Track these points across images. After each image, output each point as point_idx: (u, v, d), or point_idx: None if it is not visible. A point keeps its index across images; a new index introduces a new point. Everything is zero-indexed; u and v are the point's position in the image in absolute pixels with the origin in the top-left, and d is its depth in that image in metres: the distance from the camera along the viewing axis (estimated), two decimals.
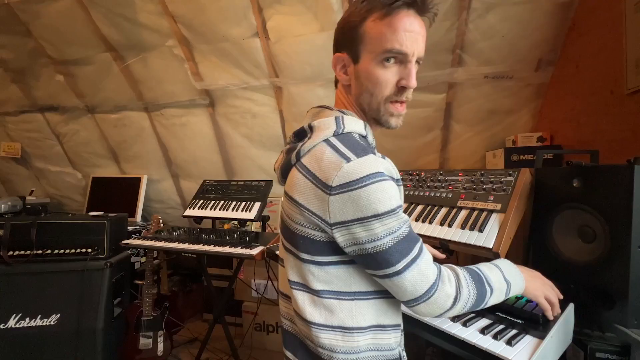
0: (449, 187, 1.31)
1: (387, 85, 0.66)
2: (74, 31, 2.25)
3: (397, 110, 0.69)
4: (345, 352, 0.64)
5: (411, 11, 0.63)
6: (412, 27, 0.63)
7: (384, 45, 0.63)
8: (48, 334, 1.88)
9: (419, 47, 0.65)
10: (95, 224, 2.04)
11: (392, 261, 0.59)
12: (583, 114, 1.52)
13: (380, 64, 0.64)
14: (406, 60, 0.64)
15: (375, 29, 0.63)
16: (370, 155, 0.61)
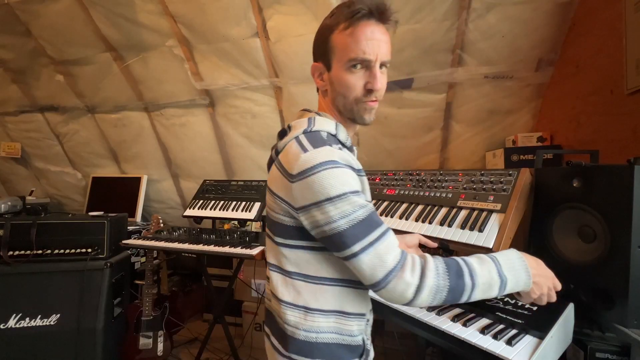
0: (449, 187, 1.31)
1: (356, 89, 0.72)
2: (74, 31, 2.26)
3: (369, 106, 0.75)
4: (306, 330, 0.71)
5: (372, 21, 0.69)
6: (373, 35, 0.69)
7: (349, 54, 0.69)
8: (48, 334, 1.88)
9: (381, 52, 0.70)
10: (95, 224, 2.04)
11: (347, 243, 0.63)
12: (583, 114, 1.52)
13: (348, 70, 0.71)
14: (370, 66, 0.71)
15: (341, 39, 0.70)
16: (327, 147, 0.67)
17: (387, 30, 0.72)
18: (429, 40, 1.79)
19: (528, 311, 0.87)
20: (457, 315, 0.89)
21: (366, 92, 0.73)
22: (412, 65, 1.91)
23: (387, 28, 0.72)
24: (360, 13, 0.68)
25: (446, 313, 0.92)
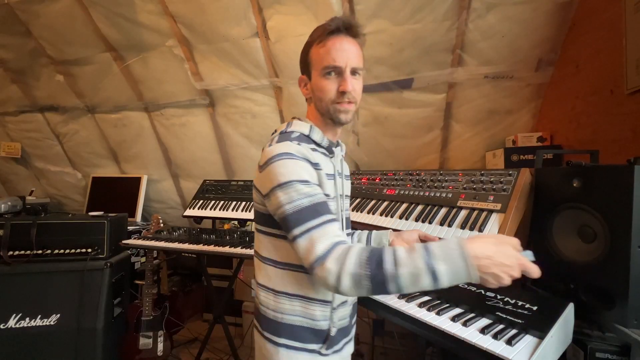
0: (449, 187, 1.31)
1: (331, 92, 0.82)
2: (74, 31, 2.26)
3: (344, 107, 0.83)
4: (274, 311, 0.81)
5: (341, 35, 0.81)
6: (342, 46, 0.81)
7: (323, 63, 0.81)
8: (48, 334, 1.88)
9: (351, 60, 0.81)
10: (95, 224, 2.04)
11: (290, 227, 0.70)
12: (583, 114, 1.52)
13: (324, 77, 0.82)
14: (341, 72, 0.81)
15: (317, 52, 0.83)
16: (286, 142, 0.78)
17: (357, 43, 0.83)
18: (429, 40, 1.79)
19: (528, 311, 0.87)
20: (457, 315, 0.89)
21: (340, 94, 0.81)
22: (412, 65, 1.91)
23: (357, 41, 0.83)
24: (331, 29, 0.81)
25: (446, 313, 0.92)
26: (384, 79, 2.00)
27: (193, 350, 2.36)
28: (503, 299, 0.95)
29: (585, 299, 0.93)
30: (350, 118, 0.85)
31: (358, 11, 1.80)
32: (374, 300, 1.05)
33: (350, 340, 0.94)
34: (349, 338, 0.93)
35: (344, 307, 0.87)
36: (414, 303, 0.99)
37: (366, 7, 1.77)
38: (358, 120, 2.21)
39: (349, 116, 0.84)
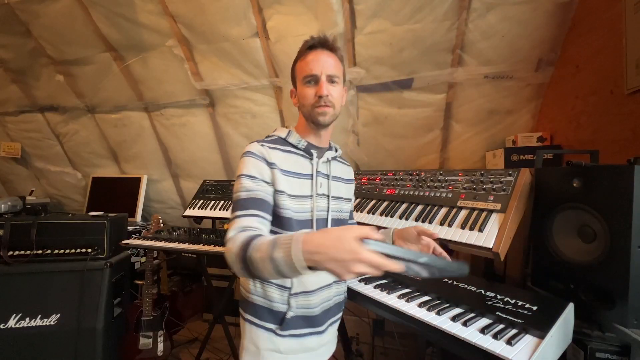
0: (449, 187, 1.31)
1: (310, 97, 0.94)
2: (74, 31, 2.26)
3: (321, 110, 0.94)
4: (245, 290, 0.96)
5: (318, 49, 0.95)
6: (317, 57, 0.94)
7: (303, 73, 0.96)
8: (48, 334, 1.88)
9: (326, 68, 0.93)
10: (95, 224, 2.04)
11: (232, 212, 0.87)
12: (583, 114, 1.52)
13: (305, 85, 0.96)
14: (318, 79, 0.93)
15: (299, 66, 0.98)
16: (255, 143, 0.93)
17: (334, 55, 0.96)
18: (429, 40, 1.79)
19: (528, 311, 0.87)
20: (457, 315, 0.89)
21: (317, 99, 0.93)
22: (412, 65, 1.91)
23: (334, 54, 0.96)
24: (310, 45, 0.95)
25: (446, 313, 0.92)
26: (384, 79, 2.00)
27: (193, 350, 2.36)
28: (503, 299, 0.95)
29: (585, 299, 0.93)
30: (328, 120, 0.95)
31: (358, 11, 1.80)
32: (373, 300, 1.05)
33: (319, 333, 0.94)
34: (318, 331, 0.94)
35: (307, 296, 0.92)
36: (414, 303, 0.99)
37: (366, 7, 1.77)
38: (358, 120, 2.21)
39: (326, 118, 0.95)
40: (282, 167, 0.91)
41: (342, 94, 0.99)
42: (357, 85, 2.06)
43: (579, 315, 0.91)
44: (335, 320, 1.01)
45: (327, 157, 1.01)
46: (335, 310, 1.01)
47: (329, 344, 1.01)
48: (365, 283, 1.16)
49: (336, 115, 0.98)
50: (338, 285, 1.01)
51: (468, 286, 1.06)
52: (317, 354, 0.96)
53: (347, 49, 1.93)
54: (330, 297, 0.97)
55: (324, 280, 0.96)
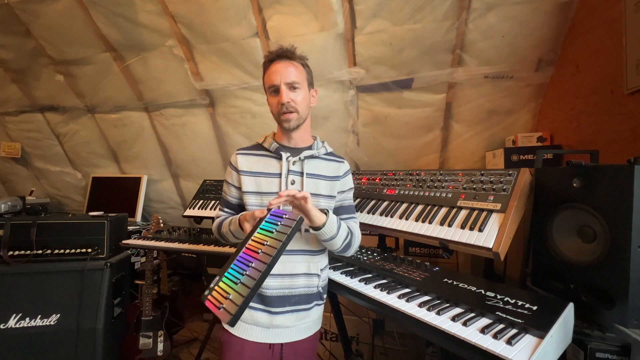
0: (449, 187, 1.31)
1: (274, 106, 1.07)
2: (74, 31, 2.26)
3: (285, 117, 1.06)
4: None
5: (275, 61, 1.06)
6: (276, 68, 1.05)
7: (267, 85, 1.09)
8: (48, 334, 1.88)
9: (284, 77, 1.04)
10: (95, 224, 2.04)
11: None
12: (583, 114, 1.52)
13: (270, 95, 1.09)
14: (278, 88, 1.05)
15: (265, 80, 1.10)
16: (235, 153, 1.16)
17: (293, 63, 1.06)
18: (429, 40, 1.79)
19: (528, 311, 0.87)
20: (457, 315, 0.89)
21: (281, 106, 1.05)
22: (412, 65, 1.91)
23: (293, 61, 1.06)
24: (268, 59, 1.08)
25: (446, 313, 0.92)
26: (384, 79, 2.00)
27: (193, 350, 2.36)
28: (503, 298, 0.95)
29: (585, 299, 0.93)
30: (293, 125, 1.07)
31: (358, 11, 1.80)
32: (373, 300, 1.05)
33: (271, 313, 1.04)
34: (269, 310, 1.05)
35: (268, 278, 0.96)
36: (414, 303, 0.99)
37: (366, 7, 1.77)
38: (358, 120, 2.21)
39: (291, 124, 1.07)
40: (251, 170, 1.10)
41: (307, 97, 1.09)
42: (357, 85, 2.07)
43: (579, 315, 0.91)
44: (297, 309, 1.07)
45: (301, 156, 1.11)
46: (299, 300, 1.07)
47: (287, 330, 1.07)
48: (366, 283, 1.16)
49: (303, 119, 1.09)
50: (307, 278, 1.08)
51: (468, 286, 1.06)
52: (270, 332, 1.06)
53: (347, 49, 1.93)
54: (292, 287, 1.06)
55: (284, 270, 1.05)
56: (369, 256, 1.43)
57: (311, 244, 1.11)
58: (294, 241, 1.06)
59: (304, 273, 1.08)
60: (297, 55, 1.08)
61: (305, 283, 1.08)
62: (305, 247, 1.10)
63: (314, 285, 1.09)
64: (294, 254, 1.07)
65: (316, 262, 1.11)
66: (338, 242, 1.04)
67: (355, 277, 1.21)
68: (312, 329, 1.14)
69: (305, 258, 1.09)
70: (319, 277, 1.11)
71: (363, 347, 2.05)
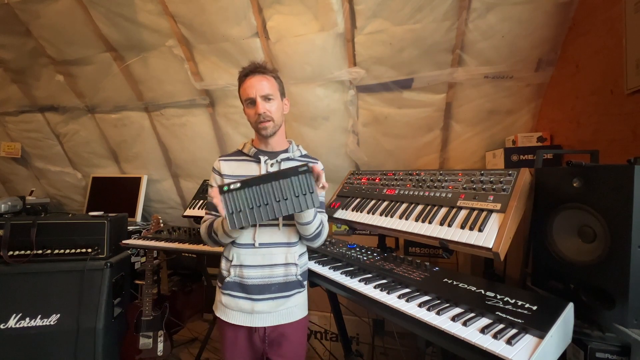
0: (448, 187, 1.31)
1: (252, 116, 1.19)
2: (74, 31, 2.26)
3: (262, 125, 1.18)
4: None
5: (250, 75, 1.17)
6: (251, 82, 1.16)
7: (243, 97, 1.20)
8: (48, 334, 1.88)
9: (259, 90, 1.15)
10: (95, 224, 2.04)
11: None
12: (583, 114, 1.52)
13: (247, 107, 1.20)
14: (254, 101, 1.16)
15: (241, 92, 1.21)
16: (217, 159, 1.26)
17: (266, 76, 1.18)
18: (429, 40, 1.79)
19: (528, 311, 0.87)
20: (457, 315, 0.89)
21: (257, 116, 1.16)
22: (412, 65, 1.91)
23: (266, 75, 1.18)
24: (244, 73, 1.18)
25: (446, 313, 0.92)
26: (384, 79, 2.00)
27: (193, 350, 2.36)
28: (503, 298, 0.95)
29: (585, 298, 0.93)
30: (270, 132, 1.19)
31: (358, 11, 1.80)
32: (373, 300, 1.05)
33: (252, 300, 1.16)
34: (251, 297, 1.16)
35: (242, 269, 1.17)
36: (414, 303, 0.99)
37: (366, 7, 1.77)
38: (358, 120, 2.21)
39: (268, 131, 1.19)
40: (233, 174, 1.21)
41: (280, 107, 1.22)
42: (357, 85, 2.07)
43: (579, 315, 0.91)
44: (277, 297, 1.18)
45: (278, 158, 1.23)
46: (278, 288, 1.18)
47: (269, 315, 1.17)
48: (365, 283, 1.16)
49: (278, 125, 1.21)
50: (286, 267, 1.19)
51: (468, 286, 1.06)
52: (253, 317, 1.17)
53: (347, 49, 1.93)
54: (271, 276, 1.17)
55: (262, 261, 1.17)
56: (369, 256, 1.43)
57: (289, 236, 1.21)
58: (273, 234, 1.19)
59: (282, 263, 1.18)
60: (269, 69, 1.20)
61: (283, 272, 1.18)
62: (283, 239, 1.20)
63: (292, 274, 1.20)
64: (272, 247, 1.18)
65: (293, 253, 1.20)
66: (312, 228, 1.16)
67: (355, 277, 1.21)
68: (296, 315, 1.23)
69: (283, 250, 1.19)
70: (296, 265, 1.20)
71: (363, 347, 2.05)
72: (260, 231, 1.18)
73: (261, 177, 1.01)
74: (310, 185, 0.99)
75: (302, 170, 0.99)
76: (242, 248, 1.17)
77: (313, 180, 1.00)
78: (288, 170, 1.00)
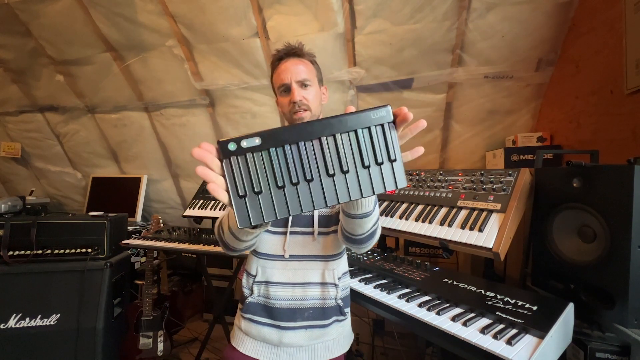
0: (448, 187, 1.31)
1: (286, 105, 0.99)
2: (74, 31, 2.25)
3: (298, 116, 0.98)
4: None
5: (284, 59, 1.00)
6: (286, 66, 0.99)
7: (277, 84, 1.01)
8: (48, 334, 1.87)
9: (294, 75, 0.98)
10: (95, 224, 2.03)
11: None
12: (583, 114, 1.52)
13: (280, 95, 1.01)
14: (289, 87, 0.98)
15: (274, 79, 1.03)
16: None
17: (302, 60, 1.01)
18: (429, 40, 1.79)
19: (528, 311, 0.87)
20: (457, 315, 0.89)
21: (292, 105, 0.97)
22: (412, 65, 1.91)
23: (302, 59, 1.01)
24: (277, 58, 1.02)
25: (446, 313, 0.92)
26: (384, 79, 2.00)
27: (193, 350, 2.36)
28: (503, 298, 0.95)
29: (585, 299, 0.93)
30: None
31: (358, 11, 1.80)
32: (373, 300, 1.05)
33: (280, 328, 0.92)
34: (278, 325, 0.92)
35: (269, 286, 0.94)
36: (414, 303, 0.99)
37: (366, 7, 1.77)
38: None
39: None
40: None
41: (318, 94, 1.03)
42: (357, 85, 2.07)
43: (578, 315, 0.91)
44: (311, 325, 0.94)
45: None
46: (313, 315, 0.94)
47: (300, 350, 0.94)
48: (365, 283, 1.16)
49: (315, 116, 1.01)
50: (323, 288, 0.95)
51: (468, 286, 1.06)
52: (280, 352, 0.93)
53: (347, 49, 1.93)
54: (304, 298, 0.93)
55: (294, 278, 0.94)
56: (369, 256, 1.43)
57: (326, 248, 0.96)
58: (306, 244, 0.95)
59: (318, 282, 0.95)
60: (306, 52, 1.03)
61: (319, 294, 0.95)
62: (319, 251, 0.96)
63: (331, 297, 0.95)
64: (306, 260, 0.95)
65: (332, 269, 0.96)
66: (369, 222, 0.80)
67: (355, 277, 1.21)
68: (334, 351, 0.98)
69: (319, 265, 0.95)
70: (336, 287, 0.96)
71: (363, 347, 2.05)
72: (291, 239, 0.95)
73: (298, 128, 0.51)
74: (392, 145, 0.51)
75: (377, 116, 0.50)
76: (269, 260, 0.95)
77: (397, 138, 0.51)
78: (349, 117, 0.51)
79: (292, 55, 1.01)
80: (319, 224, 0.96)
